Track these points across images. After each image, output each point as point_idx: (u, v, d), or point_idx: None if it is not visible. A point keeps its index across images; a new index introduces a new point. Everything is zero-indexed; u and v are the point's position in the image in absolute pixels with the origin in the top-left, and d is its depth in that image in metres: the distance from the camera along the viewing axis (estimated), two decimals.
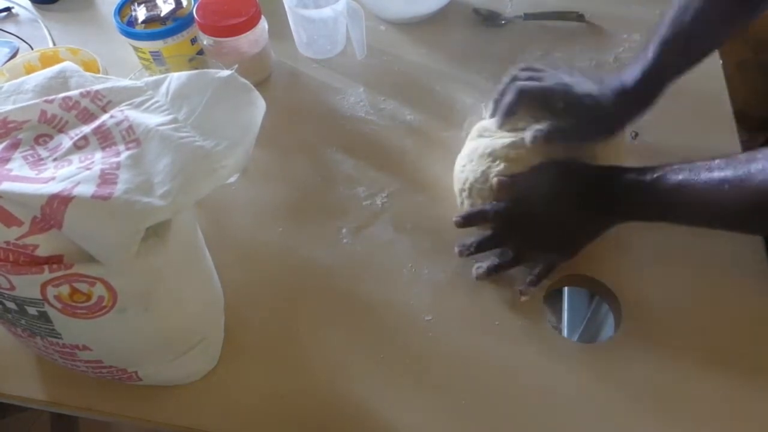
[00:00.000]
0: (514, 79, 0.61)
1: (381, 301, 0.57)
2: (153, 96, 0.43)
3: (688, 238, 0.59)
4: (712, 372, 0.51)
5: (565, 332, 1.07)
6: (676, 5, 0.56)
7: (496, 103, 0.61)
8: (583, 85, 0.58)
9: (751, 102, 0.98)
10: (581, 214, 0.55)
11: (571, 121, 0.57)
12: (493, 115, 0.62)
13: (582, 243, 0.56)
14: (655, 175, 0.51)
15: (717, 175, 0.47)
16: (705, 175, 0.48)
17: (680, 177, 0.49)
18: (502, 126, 0.60)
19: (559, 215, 0.56)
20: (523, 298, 0.56)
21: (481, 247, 0.57)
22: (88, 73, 0.47)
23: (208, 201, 0.63)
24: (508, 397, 0.51)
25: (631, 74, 0.57)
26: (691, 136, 0.67)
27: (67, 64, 0.47)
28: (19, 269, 0.38)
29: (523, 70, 0.63)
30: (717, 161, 0.48)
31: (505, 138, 0.59)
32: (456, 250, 0.58)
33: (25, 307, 0.41)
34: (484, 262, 0.57)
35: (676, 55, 0.57)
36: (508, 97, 0.59)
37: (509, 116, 0.60)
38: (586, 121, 0.58)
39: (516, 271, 0.57)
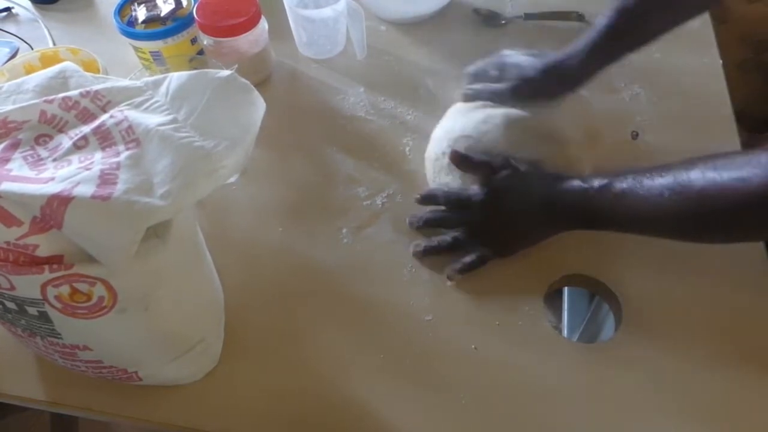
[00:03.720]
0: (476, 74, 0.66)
1: (381, 301, 0.57)
2: (153, 96, 0.43)
3: None
4: (712, 372, 0.51)
5: (565, 332, 1.06)
6: None
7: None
8: (516, 56, 0.63)
9: (751, 102, 0.99)
10: (528, 218, 0.56)
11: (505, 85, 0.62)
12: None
13: (521, 246, 0.58)
14: (600, 184, 0.51)
15: (658, 182, 0.47)
16: (647, 183, 0.48)
17: (624, 185, 0.50)
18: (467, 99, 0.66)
19: (506, 215, 0.57)
20: (449, 284, 0.57)
21: (428, 222, 0.60)
22: (88, 73, 0.47)
23: (208, 201, 0.63)
24: (508, 397, 0.51)
25: (565, 51, 0.60)
26: (691, 136, 0.67)
27: (67, 64, 0.47)
28: (19, 269, 0.38)
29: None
30: (660, 168, 0.48)
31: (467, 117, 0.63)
32: (407, 220, 0.61)
33: (26, 307, 0.41)
34: (424, 240, 0.59)
35: (615, 42, 0.59)
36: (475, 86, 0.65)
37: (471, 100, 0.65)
38: (511, 86, 0.61)
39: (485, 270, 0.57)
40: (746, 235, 0.49)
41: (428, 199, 0.61)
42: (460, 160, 0.59)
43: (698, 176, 0.45)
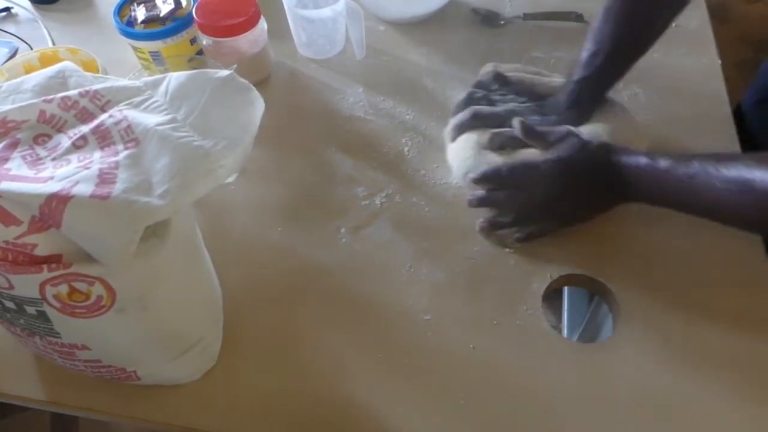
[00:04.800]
0: (469, 96, 0.68)
1: (380, 300, 0.57)
2: (152, 96, 0.44)
3: (688, 238, 0.59)
4: (712, 372, 0.51)
5: (565, 332, 1.06)
6: (598, 16, 0.62)
7: (453, 115, 0.67)
8: (527, 112, 0.65)
9: None
10: (592, 188, 0.57)
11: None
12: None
13: (584, 216, 0.59)
14: (666, 164, 0.52)
15: (724, 174, 0.48)
16: (713, 173, 0.49)
17: (691, 170, 0.50)
18: (453, 139, 0.66)
19: (571, 185, 0.57)
20: (507, 250, 0.59)
21: (485, 202, 0.61)
22: (87, 73, 0.47)
23: (206, 201, 0.63)
24: (508, 397, 0.51)
25: (561, 103, 0.64)
26: (690, 136, 0.67)
27: (66, 64, 0.47)
28: (17, 268, 0.38)
29: (477, 86, 0.69)
30: (727, 159, 0.49)
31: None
32: (467, 198, 0.62)
33: (24, 306, 0.41)
34: (487, 217, 0.60)
35: (606, 66, 0.62)
36: (462, 116, 0.65)
37: (460, 132, 0.65)
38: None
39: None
40: None
41: (490, 176, 0.60)
42: (527, 130, 0.60)
43: (763, 176, 0.46)
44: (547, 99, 0.66)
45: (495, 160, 0.62)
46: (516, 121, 0.60)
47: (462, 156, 0.64)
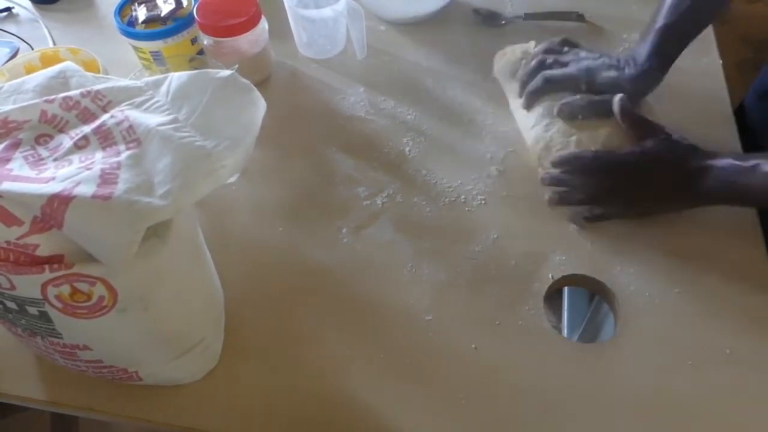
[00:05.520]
0: (540, 63, 0.67)
1: (381, 301, 0.57)
2: (153, 96, 0.44)
3: (689, 238, 0.59)
4: (712, 372, 0.51)
5: (565, 332, 1.07)
6: None
7: (523, 85, 0.68)
8: (603, 68, 0.64)
9: None
10: (671, 189, 0.58)
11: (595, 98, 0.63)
12: (520, 96, 0.68)
13: (657, 211, 0.60)
14: (753, 162, 0.53)
15: None
16: None
17: None
18: (529, 108, 0.67)
19: (650, 183, 0.58)
20: (573, 227, 0.60)
21: (561, 182, 0.61)
22: (88, 73, 0.47)
23: (208, 201, 0.63)
24: (508, 397, 0.51)
25: (641, 55, 0.63)
26: (691, 136, 0.66)
27: (67, 64, 0.47)
28: (19, 269, 0.38)
29: (547, 52, 0.69)
30: None
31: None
32: (540, 176, 0.63)
33: (26, 306, 0.41)
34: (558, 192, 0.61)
35: (680, 31, 0.63)
36: (535, 83, 0.66)
37: (534, 100, 0.66)
38: (606, 99, 0.62)
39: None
40: None
41: (572, 161, 0.61)
42: (625, 112, 0.60)
43: None
44: (623, 54, 0.65)
45: (566, 135, 0.62)
46: (617, 99, 0.60)
47: (527, 125, 0.66)
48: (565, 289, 1.06)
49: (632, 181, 0.59)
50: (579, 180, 0.60)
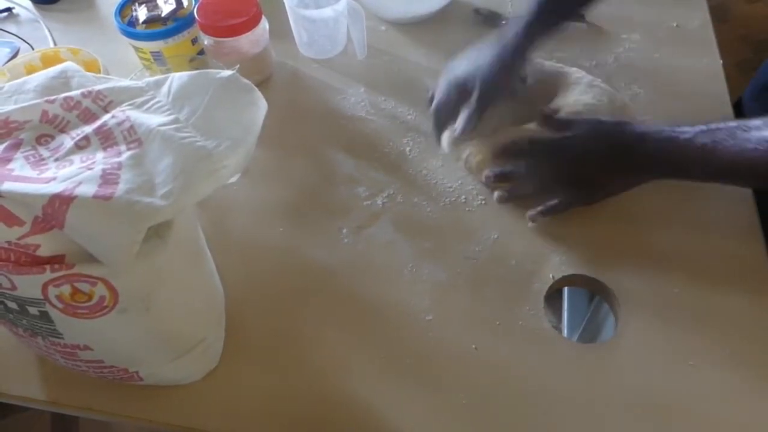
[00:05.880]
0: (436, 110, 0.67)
1: (381, 301, 0.57)
2: (154, 96, 0.44)
3: (689, 238, 0.59)
4: (713, 372, 0.51)
5: (565, 332, 1.07)
6: None
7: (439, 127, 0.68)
8: (467, 71, 0.64)
9: None
10: (612, 164, 0.57)
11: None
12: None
13: (606, 193, 0.59)
14: (689, 134, 0.52)
15: (755, 135, 0.49)
16: (741, 135, 0.50)
17: (716, 137, 0.51)
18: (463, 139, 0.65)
19: (594, 160, 0.58)
20: (531, 224, 0.60)
21: (504, 175, 0.61)
22: (89, 73, 0.47)
23: (209, 201, 0.63)
24: (508, 397, 0.51)
25: (510, 28, 0.63)
26: None
27: (68, 64, 0.47)
28: (20, 269, 0.38)
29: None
30: (753, 122, 0.50)
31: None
32: (483, 176, 0.62)
33: (27, 307, 0.41)
34: (506, 188, 0.61)
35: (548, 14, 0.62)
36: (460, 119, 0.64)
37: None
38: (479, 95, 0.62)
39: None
40: None
41: (512, 150, 0.61)
42: (547, 119, 0.60)
43: None
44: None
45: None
46: (540, 111, 0.61)
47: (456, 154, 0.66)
48: (565, 289, 1.06)
49: (574, 163, 0.58)
50: (522, 168, 0.60)
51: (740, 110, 0.73)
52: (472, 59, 0.65)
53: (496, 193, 0.62)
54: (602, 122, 0.59)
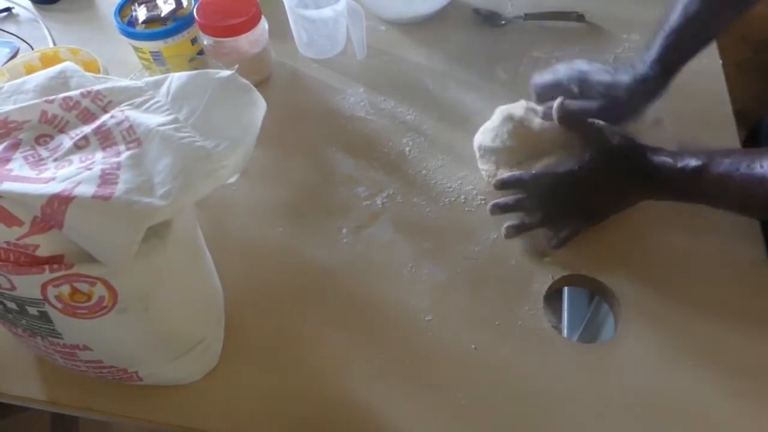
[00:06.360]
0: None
1: (381, 301, 0.57)
2: (153, 96, 0.44)
3: (689, 238, 0.59)
4: (712, 372, 0.51)
5: (565, 332, 1.07)
6: None
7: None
8: (598, 73, 0.62)
9: (751, 102, 0.99)
10: (615, 187, 0.57)
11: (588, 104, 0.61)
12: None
13: (608, 214, 0.59)
14: (695, 164, 0.52)
15: (758, 171, 0.49)
16: (745, 169, 0.50)
17: (721, 170, 0.51)
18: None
19: (593, 186, 0.57)
20: (546, 259, 0.59)
21: (511, 207, 0.60)
22: (88, 73, 0.47)
23: (208, 201, 0.63)
24: (508, 397, 0.51)
25: (643, 62, 0.60)
26: (691, 137, 0.67)
27: (67, 64, 0.47)
28: (19, 269, 0.38)
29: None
30: (757, 154, 0.50)
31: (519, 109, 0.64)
32: (488, 207, 0.61)
33: (26, 307, 0.41)
34: (513, 222, 0.59)
35: (687, 40, 0.60)
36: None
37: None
38: (599, 106, 0.61)
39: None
40: None
41: (512, 183, 0.60)
42: (565, 114, 0.58)
43: None
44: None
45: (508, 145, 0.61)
46: (556, 102, 0.58)
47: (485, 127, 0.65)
48: (565, 289, 1.06)
49: (577, 196, 0.58)
50: (527, 202, 0.59)
51: (757, 135, 0.72)
52: (607, 69, 0.62)
53: (503, 229, 0.60)
54: (612, 149, 0.56)
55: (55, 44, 0.84)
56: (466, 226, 0.61)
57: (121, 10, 0.75)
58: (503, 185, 0.60)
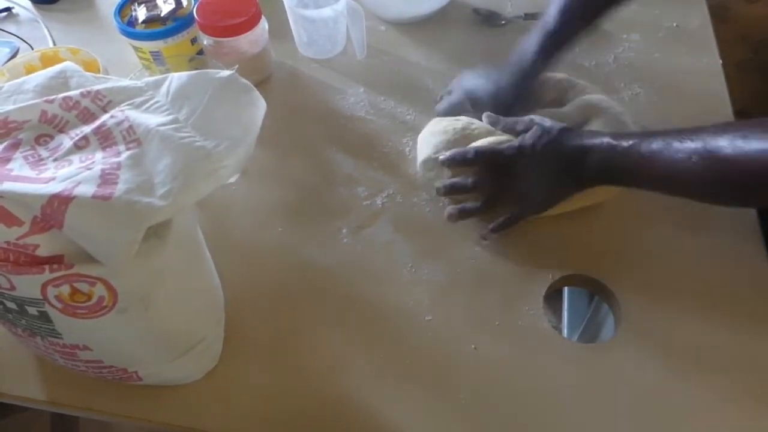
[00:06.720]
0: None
1: (381, 301, 0.57)
2: (153, 96, 0.44)
3: (688, 238, 0.59)
4: (713, 372, 0.51)
5: (565, 332, 1.07)
6: None
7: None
8: (482, 85, 0.65)
9: (751, 102, 0.99)
10: (556, 174, 0.57)
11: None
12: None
13: (552, 202, 0.59)
14: (628, 143, 0.52)
15: (687, 146, 0.48)
16: (676, 146, 0.49)
17: (653, 146, 0.51)
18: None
19: (536, 172, 0.57)
20: (484, 242, 0.60)
21: (455, 187, 0.60)
22: (88, 73, 0.47)
23: (208, 201, 0.63)
24: (508, 397, 0.51)
25: (522, 56, 0.63)
26: None
27: (67, 64, 0.47)
28: (19, 269, 0.38)
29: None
30: (690, 131, 0.49)
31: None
32: (435, 186, 0.61)
33: (26, 307, 0.41)
34: (457, 205, 0.60)
35: (564, 30, 0.62)
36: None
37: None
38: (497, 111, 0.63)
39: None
40: (765, 202, 0.52)
41: (458, 158, 0.60)
42: (493, 120, 0.61)
43: (726, 144, 0.46)
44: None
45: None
46: (484, 116, 0.62)
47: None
48: (565, 289, 1.06)
49: (520, 176, 0.58)
50: (470, 180, 0.59)
51: (740, 118, 0.72)
52: (491, 76, 0.65)
53: (445, 212, 0.61)
54: (546, 131, 0.57)
55: (55, 44, 0.84)
56: (466, 226, 0.61)
57: (121, 10, 0.75)
58: (450, 161, 0.60)
